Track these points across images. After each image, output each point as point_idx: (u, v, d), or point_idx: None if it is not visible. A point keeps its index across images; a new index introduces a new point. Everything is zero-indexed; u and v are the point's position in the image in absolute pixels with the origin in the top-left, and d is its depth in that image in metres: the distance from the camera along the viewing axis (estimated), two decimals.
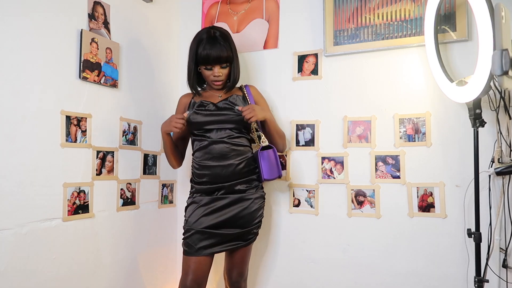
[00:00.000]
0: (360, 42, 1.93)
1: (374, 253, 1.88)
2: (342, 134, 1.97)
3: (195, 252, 1.62)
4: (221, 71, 1.70)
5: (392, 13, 1.88)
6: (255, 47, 2.18)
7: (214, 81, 1.73)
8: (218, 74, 1.69)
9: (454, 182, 1.76)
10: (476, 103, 1.52)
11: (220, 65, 1.69)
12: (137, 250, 1.99)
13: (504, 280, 1.64)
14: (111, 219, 1.83)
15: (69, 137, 1.63)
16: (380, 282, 1.87)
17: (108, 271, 1.81)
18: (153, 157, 2.12)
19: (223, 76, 1.72)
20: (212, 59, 1.66)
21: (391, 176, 1.87)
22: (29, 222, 1.46)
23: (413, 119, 1.84)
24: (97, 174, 1.76)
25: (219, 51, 1.65)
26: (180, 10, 2.38)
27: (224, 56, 1.67)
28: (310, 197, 2.03)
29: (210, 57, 1.65)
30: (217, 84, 1.74)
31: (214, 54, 1.65)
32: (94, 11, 1.75)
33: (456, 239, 1.74)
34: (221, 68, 1.70)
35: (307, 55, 2.06)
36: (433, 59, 1.70)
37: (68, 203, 1.61)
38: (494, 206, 1.66)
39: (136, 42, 2.02)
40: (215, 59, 1.66)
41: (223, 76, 1.72)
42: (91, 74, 1.72)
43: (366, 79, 1.94)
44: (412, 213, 1.83)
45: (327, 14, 1.99)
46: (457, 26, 1.75)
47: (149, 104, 2.11)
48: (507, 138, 1.64)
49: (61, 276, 1.57)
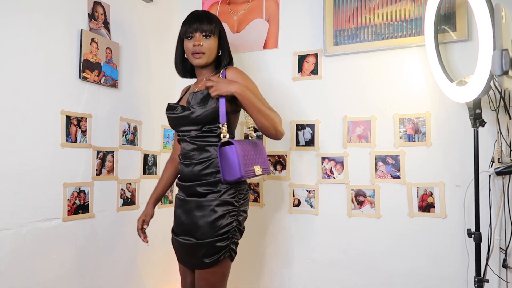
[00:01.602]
0: (360, 42, 1.93)
1: (374, 253, 1.88)
2: (342, 134, 1.97)
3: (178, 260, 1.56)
4: (203, 40, 1.50)
5: (392, 13, 1.88)
6: (255, 47, 2.18)
7: (193, 53, 1.51)
8: (197, 42, 1.49)
9: (454, 182, 1.76)
10: (476, 103, 1.52)
11: (201, 33, 1.50)
12: (137, 250, 1.99)
13: (504, 280, 1.64)
14: (111, 219, 1.83)
15: (69, 137, 1.63)
16: (380, 282, 1.87)
17: (108, 271, 1.81)
18: (153, 157, 2.12)
19: (204, 47, 1.50)
20: (194, 26, 1.50)
21: (391, 176, 1.87)
22: (29, 222, 1.46)
23: (413, 119, 1.84)
24: (97, 174, 1.76)
25: (202, 19, 1.51)
26: (180, 10, 2.38)
27: (207, 25, 1.50)
28: (310, 197, 2.03)
29: (191, 24, 1.51)
30: (197, 56, 1.51)
31: (196, 21, 1.51)
32: (94, 11, 1.75)
33: (456, 239, 1.74)
34: (203, 37, 1.50)
35: (307, 55, 2.06)
36: (433, 59, 1.70)
37: (68, 203, 1.61)
38: (494, 206, 1.66)
39: (136, 42, 2.02)
40: (196, 26, 1.50)
41: (204, 47, 1.50)
42: (91, 74, 1.72)
43: (366, 79, 1.94)
44: (412, 213, 1.83)
45: (327, 14, 1.99)
46: (457, 26, 1.75)
47: (149, 104, 2.11)
48: (507, 138, 1.64)
49: (61, 276, 1.57)
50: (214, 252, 1.39)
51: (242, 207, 1.48)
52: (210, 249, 1.39)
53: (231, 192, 1.45)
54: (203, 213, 1.43)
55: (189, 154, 1.50)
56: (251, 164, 1.45)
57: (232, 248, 1.43)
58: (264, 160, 1.55)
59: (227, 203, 1.44)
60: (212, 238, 1.40)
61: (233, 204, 1.45)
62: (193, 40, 1.51)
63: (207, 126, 1.47)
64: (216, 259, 1.39)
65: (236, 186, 1.47)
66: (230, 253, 1.43)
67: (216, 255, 1.39)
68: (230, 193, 1.45)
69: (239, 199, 1.47)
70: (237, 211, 1.46)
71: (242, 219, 1.49)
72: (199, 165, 1.47)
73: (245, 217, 1.51)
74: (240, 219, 1.47)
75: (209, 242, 1.40)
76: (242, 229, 1.50)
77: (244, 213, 1.51)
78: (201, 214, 1.43)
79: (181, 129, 1.53)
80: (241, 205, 1.48)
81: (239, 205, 1.47)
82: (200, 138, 1.48)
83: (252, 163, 1.46)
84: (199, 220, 1.43)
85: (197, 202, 1.45)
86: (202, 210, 1.43)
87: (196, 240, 1.42)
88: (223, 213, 1.42)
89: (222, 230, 1.40)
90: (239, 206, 1.47)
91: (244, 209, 1.50)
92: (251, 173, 1.44)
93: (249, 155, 1.46)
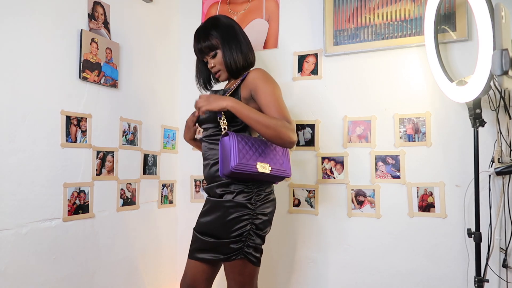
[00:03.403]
0: (360, 42, 1.93)
1: (374, 253, 1.88)
2: (342, 134, 1.97)
3: (189, 254, 1.55)
4: (212, 61, 1.56)
5: (392, 13, 1.88)
6: (255, 47, 2.15)
7: (214, 73, 1.61)
8: (211, 65, 1.57)
9: (454, 182, 1.76)
10: (476, 103, 1.52)
11: (209, 56, 1.56)
12: (137, 250, 1.99)
13: (504, 280, 1.64)
14: (111, 219, 1.83)
15: (69, 137, 1.63)
16: (380, 282, 1.87)
17: (108, 271, 1.81)
18: (153, 157, 2.12)
19: (217, 66, 1.56)
20: (198, 51, 1.57)
21: (391, 176, 1.87)
22: (29, 222, 1.46)
23: (413, 119, 1.84)
24: (97, 174, 1.76)
25: (201, 41, 1.55)
26: (180, 10, 2.38)
27: (205, 45, 1.53)
28: (310, 197, 2.03)
29: (196, 51, 1.58)
30: (218, 76, 1.60)
31: (197, 47, 1.56)
32: (94, 11, 1.75)
33: (456, 239, 1.74)
34: (212, 58, 1.56)
35: (307, 55, 2.06)
36: (433, 59, 1.70)
37: (68, 203, 1.61)
38: (494, 206, 1.66)
39: (136, 42, 2.02)
40: (199, 51, 1.57)
41: (217, 66, 1.56)
42: (91, 74, 1.72)
43: (366, 79, 1.94)
44: (412, 213, 1.83)
45: (327, 14, 1.99)
46: (457, 26, 1.75)
47: (149, 104, 2.11)
48: (507, 138, 1.64)
49: (61, 276, 1.57)
50: (228, 252, 1.41)
51: (259, 210, 1.44)
52: (225, 249, 1.41)
53: (245, 194, 1.43)
54: (220, 213, 1.44)
55: (206, 154, 1.54)
56: (252, 159, 1.38)
57: (247, 251, 1.41)
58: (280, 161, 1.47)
59: (240, 206, 1.41)
60: (226, 239, 1.41)
61: (247, 206, 1.42)
62: (208, 64, 1.59)
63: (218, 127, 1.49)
64: (228, 257, 1.41)
65: (251, 187, 1.44)
66: (246, 256, 1.41)
67: (228, 254, 1.41)
68: (245, 194, 1.43)
69: (256, 201, 1.43)
70: (253, 214, 1.42)
71: (261, 223, 1.44)
72: (214, 166, 1.49)
73: (265, 220, 1.46)
74: (257, 222, 1.43)
75: (224, 243, 1.41)
76: (262, 233, 1.45)
77: (263, 215, 1.45)
78: (218, 214, 1.44)
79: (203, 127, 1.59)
80: (259, 207, 1.44)
81: (255, 208, 1.42)
82: (213, 137, 1.51)
83: (254, 158, 1.39)
84: (217, 220, 1.44)
85: (215, 202, 1.47)
86: (218, 210, 1.45)
87: (214, 239, 1.44)
88: (236, 215, 1.40)
89: (235, 233, 1.40)
90: (254, 208, 1.42)
91: (262, 212, 1.45)
92: (248, 168, 1.35)
93: (251, 151, 1.40)
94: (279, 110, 1.41)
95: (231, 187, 1.44)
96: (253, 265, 1.44)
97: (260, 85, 1.45)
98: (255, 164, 1.38)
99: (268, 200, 1.48)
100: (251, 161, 1.37)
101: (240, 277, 1.43)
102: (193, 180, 2.29)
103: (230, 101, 1.38)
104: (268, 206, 1.48)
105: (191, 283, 1.53)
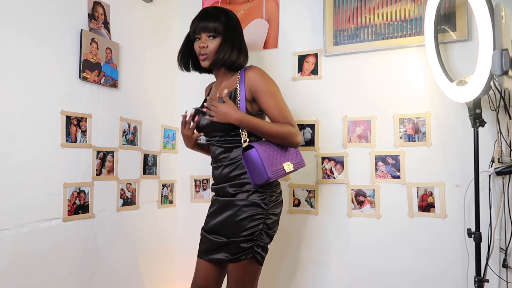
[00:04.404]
0: (360, 42, 1.93)
1: (374, 253, 1.88)
2: (342, 134, 1.97)
3: (200, 254, 1.54)
4: (208, 41, 1.49)
5: (392, 13, 1.88)
6: (255, 47, 2.18)
7: (199, 54, 1.52)
8: (202, 44, 1.50)
9: (454, 182, 1.76)
10: (476, 103, 1.52)
11: (207, 34, 1.49)
12: (137, 250, 1.99)
13: (504, 280, 1.64)
14: (111, 219, 1.83)
15: (69, 137, 1.63)
16: (380, 282, 1.87)
17: (108, 271, 1.81)
18: (153, 157, 2.12)
19: (209, 49, 1.49)
20: (200, 26, 1.50)
21: (391, 176, 1.87)
22: (29, 222, 1.46)
23: (413, 119, 1.84)
24: (97, 174, 1.76)
25: (208, 18, 1.49)
26: (180, 10, 2.38)
27: (212, 24, 1.48)
28: (310, 197, 2.03)
29: (198, 24, 1.51)
30: (202, 58, 1.52)
31: (201, 24, 1.50)
32: (94, 11, 1.75)
33: (456, 239, 1.74)
34: (209, 38, 1.50)
35: (307, 55, 2.06)
36: (433, 59, 1.70)
37: (68, 203, 1.61)
38: (494, 206, 1.66)
39: (136, 42, 2.02)
40: (202, 26, 1.49)
41: (209, 49, 1.49)
42: (91, 74, 1.72)
43: (366, 79, 1.94)
44: (412, 213, 1.83)
45: (327, 14, 1.99)
46: (457, 26, 1.75)
47: (149, 104, 2.11)
48: (507, 138, 1.64)
49: (61, 276, 1.57)
50: (237, 252, 1.41)
51: (271, 210, 1.47)
52: (235, 248, 1.41)
53: (260, 194, 1.45)
54: (231, 212, 1.45)
55: (218, 157, 1.53)
56: (278, 163, 1.45)
57: (256, 250, 1.42)
58: (294, 155, 1.53)
59: (254, 205, 1.43)
60: (237, 238, 1.41)
61: (261, 206, 1.44)
62: (200, 42, 1.52)
63: (232, 132, 1.49)
64: (237, 257, 1.41)
65: (265, 188, 1.46)
66: (254, 255, 1.41)
67: (238, 254, 1.41)
68: (259, 194, 1.45)
69: (269, 201, 1.46)
70: (265, 213, 1.44)
71: (272, 223, 1.47)
72: (227, 167, 1.49)
73: (275, 220, 1.49)
74: (268, 222, 1.45)
75: (234, 242, 1.42)
76: (271, 232, 1.48)
77: (274, 216, 1.49)
78: (230, 213, 1.45)
79: (209, 135, 1.57)
80: (271, 208, 1.46)
81: (268, 208, 1.45)
82: (227, 141, 1.50)
83: (279, 161, 1.46)
84: (228, 219, 1.45)
85: (227, 201, 1.47)
86: (230, 209, 1.45)
87: (224, 239, 1.44)
88: (249, 214, 1.42)
89: (247, 232, 1.41)
90: (268, 208, 1.45)
91: (273, 212, 1.48)
92: (280, 172, 1.44)
93: (274, 154, 1.45)
94: (282, 114, 1.47)
95: (245, 187, 1.46)
96: (258, 264, 1.45)
97: (261, 88, 1.48)
98: (282, 166, 1.46)
99: (278, 201, 1.52)
100: (278, 165, 1.45)
101: (243, 276, 1.44)
102: (193, 180, 2.29)
103: (237, 116, 1.42)
104: (278, 207, 1.52)
105: (203, 283, 1.53)
